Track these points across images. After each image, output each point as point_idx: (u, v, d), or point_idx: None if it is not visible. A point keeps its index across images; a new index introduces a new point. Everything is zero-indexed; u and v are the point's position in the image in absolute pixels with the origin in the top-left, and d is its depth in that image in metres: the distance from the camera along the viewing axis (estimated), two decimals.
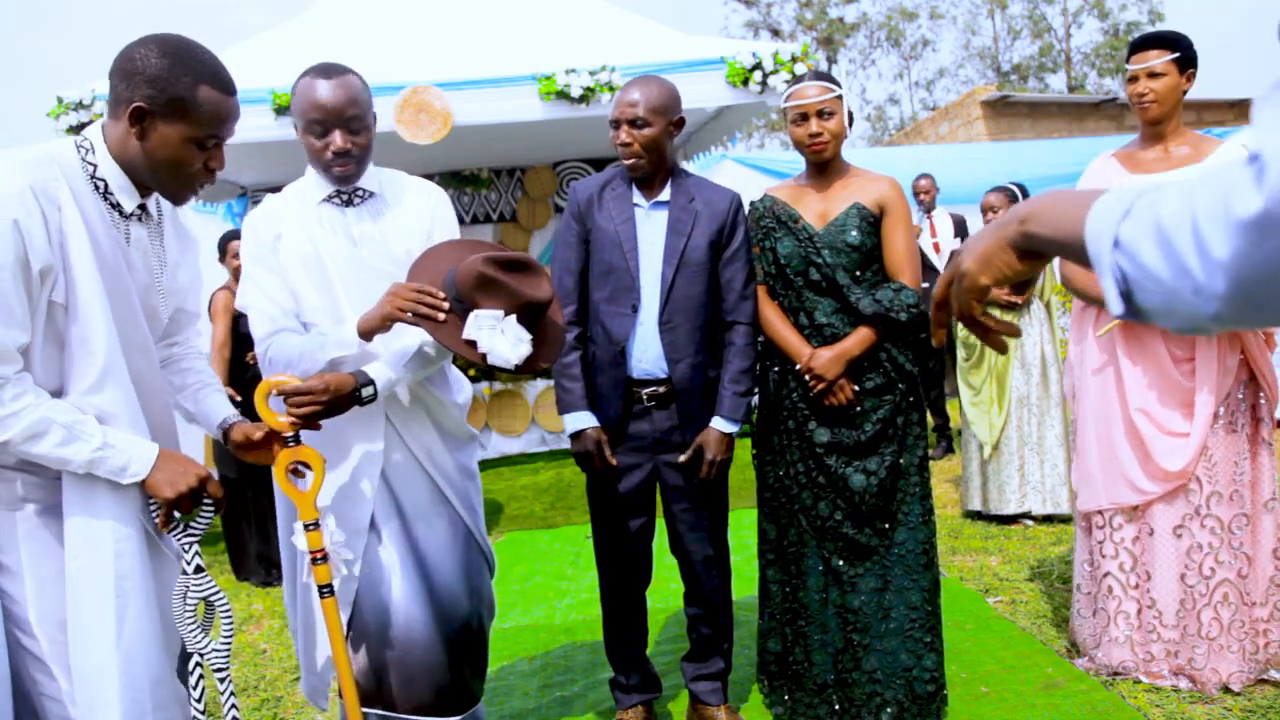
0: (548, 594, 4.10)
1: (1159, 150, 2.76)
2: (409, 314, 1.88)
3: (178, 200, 1.78)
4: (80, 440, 1.59)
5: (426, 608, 2.10)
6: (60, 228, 1.58)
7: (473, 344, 1.89)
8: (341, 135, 1.99)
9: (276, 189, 2.16)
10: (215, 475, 1.85)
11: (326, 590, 1.94)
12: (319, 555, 1.94)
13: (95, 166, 1.67)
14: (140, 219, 1.75)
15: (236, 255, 4.81)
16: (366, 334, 1.94)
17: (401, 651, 2.07)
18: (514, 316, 1.91)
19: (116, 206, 1.70)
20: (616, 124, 2.40)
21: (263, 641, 3.80)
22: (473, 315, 1.88)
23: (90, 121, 5.41)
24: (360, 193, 2.13)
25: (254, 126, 5.55)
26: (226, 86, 1.69)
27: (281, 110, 5.51)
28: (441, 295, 1.90)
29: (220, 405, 1.98)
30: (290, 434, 1.92)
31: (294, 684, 3.31)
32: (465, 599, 2.16)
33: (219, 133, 1.69)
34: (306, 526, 1.95)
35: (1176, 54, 2.65)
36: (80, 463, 1.59)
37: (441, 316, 1.88)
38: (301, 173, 2.16)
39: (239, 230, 4.45)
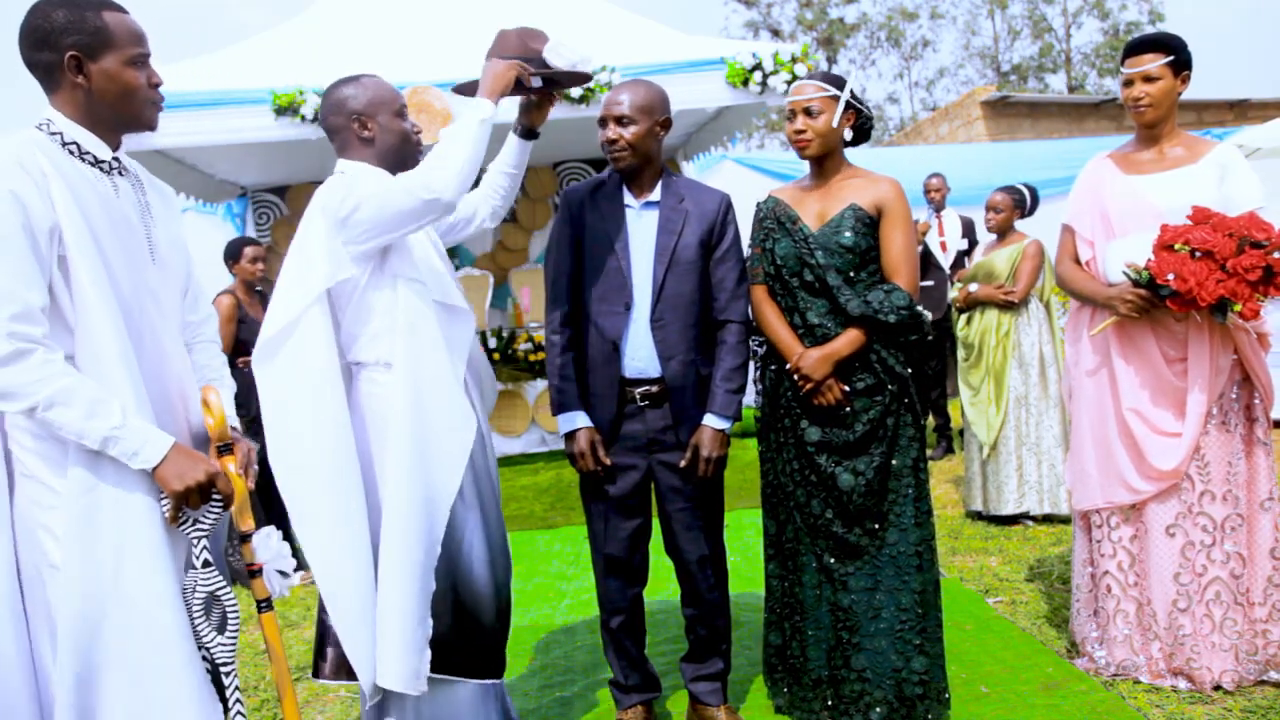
0: (548, 594, 4.10)
1: (1154, 152, 2.76)
2: (521, 74, 2.24)
3: (151, 123, 1.85)
4: (100, 417, 1.63)
5: (489, 571, 2.21)
6: (49, 192, 1.66)
7: (564, 71, 2.32)
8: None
9: (276, 189, 2.19)
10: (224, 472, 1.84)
11: (264, 605, 1.93)
12: (254, 569, 1.93)
13: (61, 134, 1.75)
14: (121, 173, 1.83)
15: (254, 261, 4.89)
16: (495, 97, 2.19)
17: (471, 612, 2.17)
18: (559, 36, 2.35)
19: (97, 164, 1.77)
20: (603, 122, 2.46)
21: (264, 641, 3.80)
22: (548, 51, 2.31)
23: None
24: None
25: (254, 126, 5.56)
26: (121, 7, 1.80)
27: (281, 110, 5.51)
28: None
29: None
30: (222, 443, 1.91)
31: (295, 684, 3.31)
32: (504, 566, 2.29)
33: (143, 48, 1.79)
34: (241, 537, 1.94)
35: (1171, 57, 2.65)
36: (96, 438, 1.63)
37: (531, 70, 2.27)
38: (300, 173, 2.23)
39: (249, 238, 4.54)
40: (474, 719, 2.21)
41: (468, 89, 2.29)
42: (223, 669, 1.84)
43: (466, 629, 2.17)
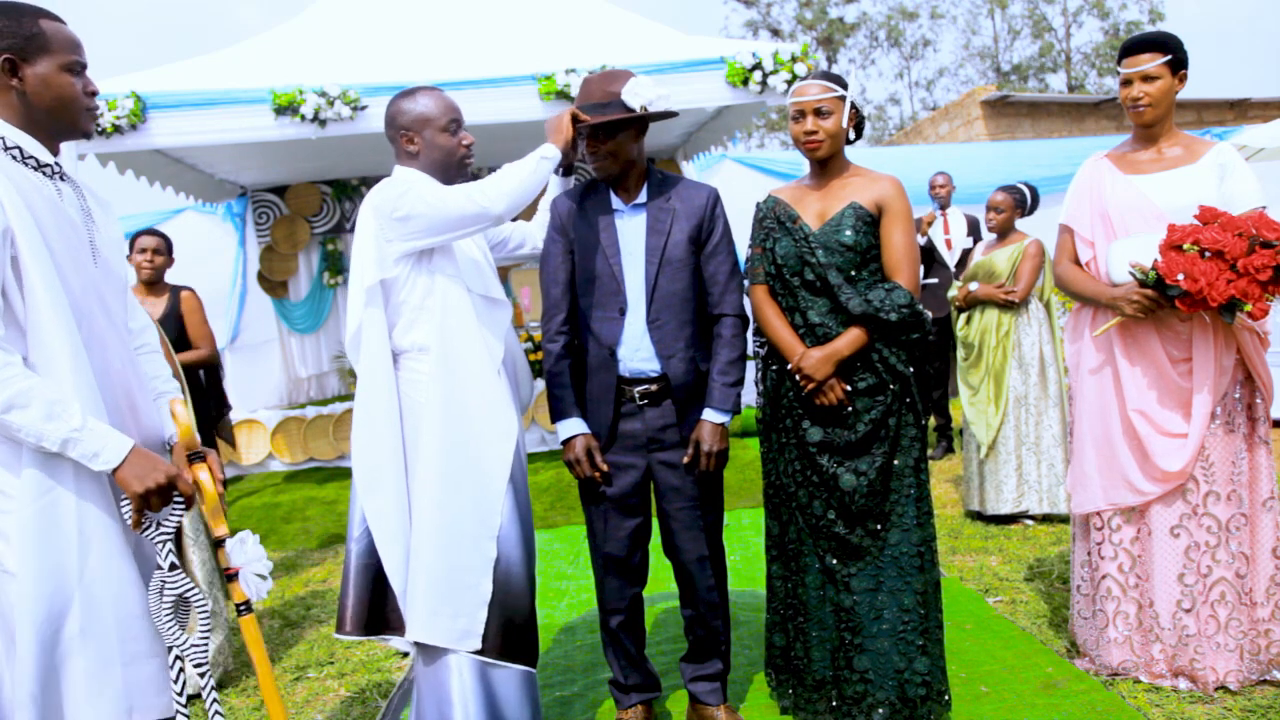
0: (548, 594, 4.10)
1: (1153, 151, 2.75)
2: (581, 120, 2.41)
3: (87, 132, 1.86)
4: (60, 419, 1.62)
5: (522, 554, 2.33)
6: None
7: (643, 107, 2.43)
8: (465, 133, 2.43)
9: (276, 189, 2.23)
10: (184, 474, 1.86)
11: (243, 608, 1.94)
12: (230, 573, 1.94)
13: (3, 138, 1.74)
14: (63, 177, 1.82)
15: (142, 251, 4.12)
16: (560, 143, 2.39)
17: (502, 591, 2.28)
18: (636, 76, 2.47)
19: (40, 167, 1.76)
20: (581, 136, 2.49)
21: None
22: (625, 92, 2.41)
23: None
24: None
25: (254, 126, 5.56)
26: (58, 17, 1.81)
27: (281, 110, 5.51)
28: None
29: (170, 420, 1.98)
30: (192, 451, 1.92)
31: (294, 683, 3.32)
32: (533, 557, 2.39)
33: (79, 56, 1.80)
34: (216, 542, 1.95)
35: (1169, 56, 2.65)
36: (56, 440, 1.63)
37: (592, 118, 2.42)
38: (300, 173, 2.28)
39: (148, 229, 4.23)
40: (519, 705, 2.31)
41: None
42: (198, 670, 1.83)
43: (500, 607, 2.27)
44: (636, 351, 2.49)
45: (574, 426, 2.52)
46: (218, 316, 8.57)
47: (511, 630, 2.29)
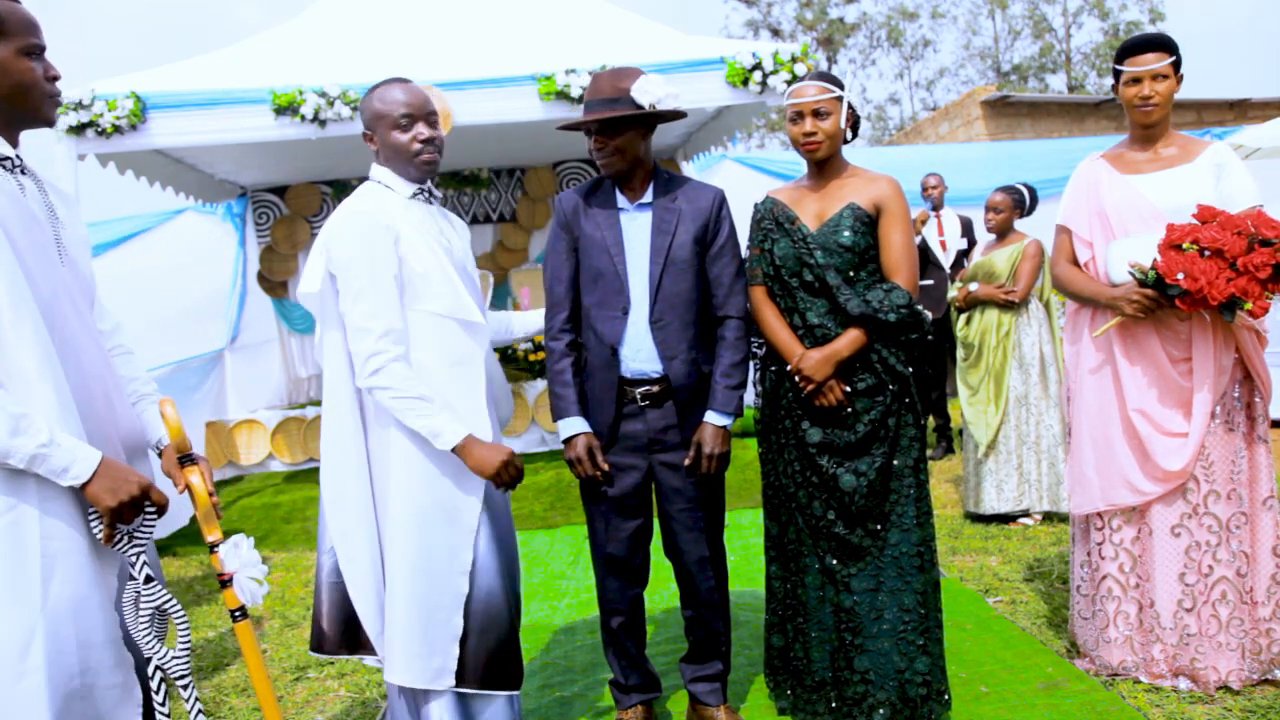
0: (548, 594, 4.10)
1: (1150, 152, 2.76)
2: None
3: (50, 120, 1.77)
4: (26, 433, 1.54)
5: (503, 581, 2.26)
6: None
7: (652, 105, 2.41)
8: (425, 125, 2.22)
9: (276, 189, 2.20)
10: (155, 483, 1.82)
11: (239, 614, 1.92)
12: (224, 579, 1.90)
13: None
14: (24, 171, 1.73)
15: None
16: (477, 470, 2.15)
17: (483, 622, 2.22)
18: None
19: (0, 161, 1.67)
20: (588, 131, 2.47)
21: (262, 642, 3.80)
22: (635, 89, 2.39)
23: (91, 122, 5.41)
24: (432, 192, 2.30)
25: (254, 126, 5.56)
26: None
27: (281, 110, 5.51)
28: None
29: (159, 422, 1.94)
30: (183, 454, 1.90)
31: (294, 684, 3.32)
32: (515, 576, 2.33)
33: (38, 38, 1.69)
34: (210, 547, 1.91)
35: (1174, 56, 2.66)
36: (24, 456, 1.55)
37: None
38: (300, 173, 2.24)
39: None
40: None
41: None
42: (179, 682, 1.80)
43: (481, 638, 2.21)
44: (638, 352, 2.48)
45: (576, 425, 2.51)
46: (218, 316, 8.60)
47: (493, 660, 2.23)
